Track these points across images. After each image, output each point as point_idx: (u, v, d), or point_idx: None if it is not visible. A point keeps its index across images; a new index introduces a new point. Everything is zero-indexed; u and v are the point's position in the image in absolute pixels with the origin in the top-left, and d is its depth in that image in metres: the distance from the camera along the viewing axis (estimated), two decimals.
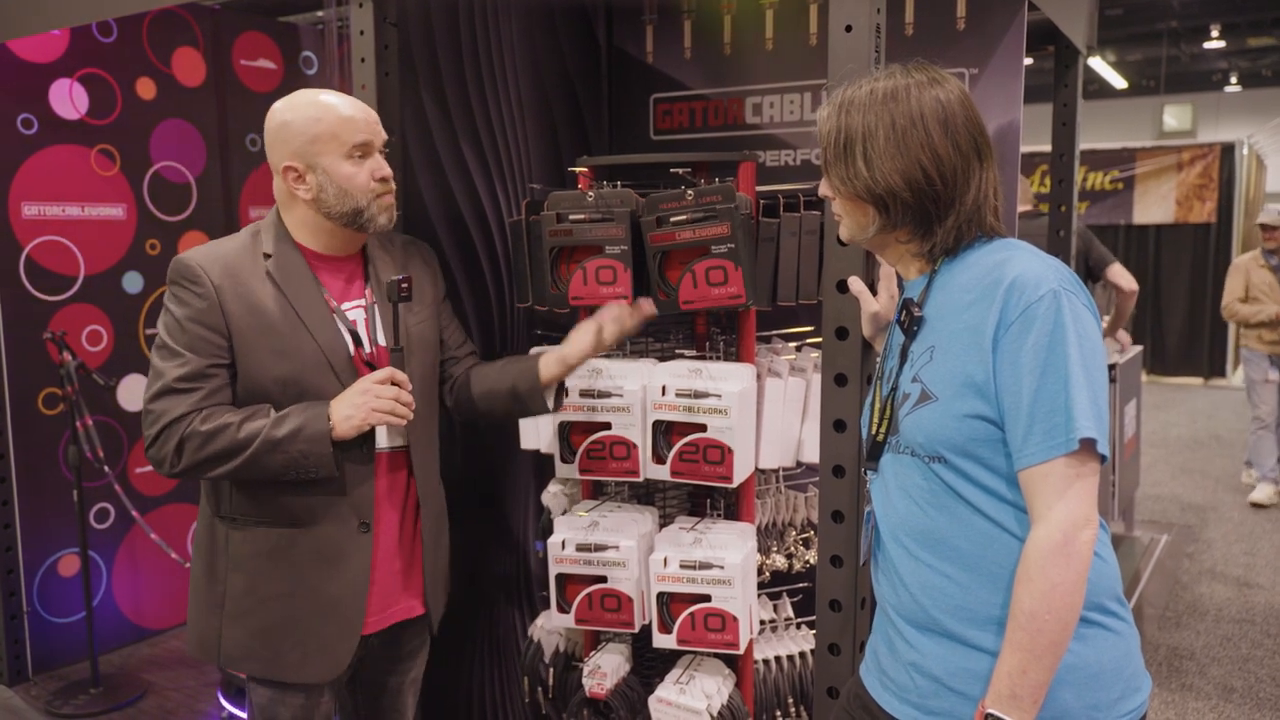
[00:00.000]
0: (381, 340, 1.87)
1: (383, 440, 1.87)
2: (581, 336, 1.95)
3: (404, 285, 1.77)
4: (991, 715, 1.24)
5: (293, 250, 1.82)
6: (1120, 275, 4.52)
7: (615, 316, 1.96)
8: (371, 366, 1.83)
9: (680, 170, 2.15)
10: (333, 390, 1.78)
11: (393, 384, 1.76)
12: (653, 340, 2.38)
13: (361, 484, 1.81)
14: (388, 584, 1.91)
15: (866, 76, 1.40)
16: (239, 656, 1.82)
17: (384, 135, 1.84)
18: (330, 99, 1.78)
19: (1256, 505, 5.81)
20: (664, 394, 2.09)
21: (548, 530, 2.34)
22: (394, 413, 1.75)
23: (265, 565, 1.79)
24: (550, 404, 1.98)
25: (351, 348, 1.82)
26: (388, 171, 1.82)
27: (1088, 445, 1.22)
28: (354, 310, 1.87)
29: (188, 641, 1.91)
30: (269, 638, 1.80)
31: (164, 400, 1.70)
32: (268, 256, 1.79)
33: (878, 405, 1.45)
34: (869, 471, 1.48)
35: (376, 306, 1.88)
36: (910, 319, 1.40)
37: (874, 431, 1.45)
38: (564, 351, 1.95)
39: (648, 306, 2.03)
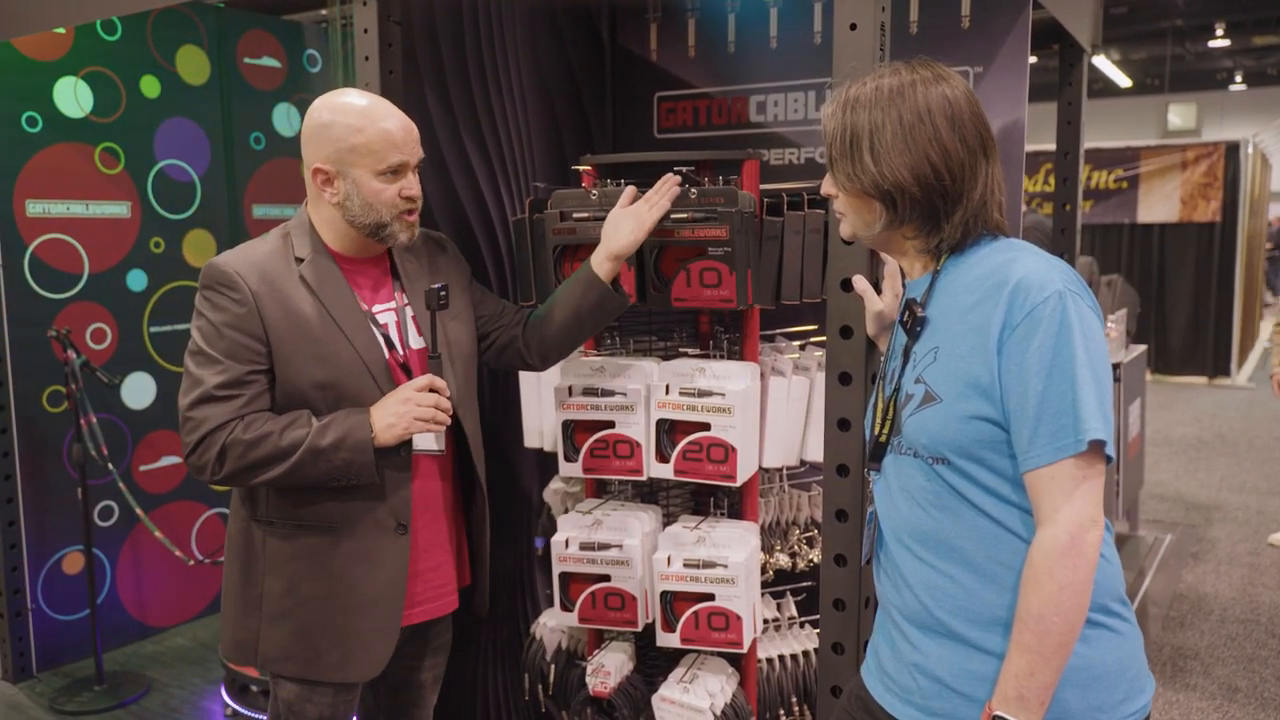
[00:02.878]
0: (414, 343, 1.88)
1: (430, 444, 1.89)
2: (622, 222, 1.94)
3: (443, 294, 1.77)
4: (999, 717, 1.24)
5: (324, 254, 1.81)
6: None
7: (669, 191, 1.96)
8: (405, 369, 1.84)
9: (684, 169, 2.15)
10: (370, 394, 1.78)
11: (431, 390, 1.77)
12: (656, 339, 2.38)
13: (399, 487, 1.82)
14: (422, 581, 1.92)
15: (871, 74, 1.40)
16: (277, 658, 1.83)
17: (420, 154, 1.82)
18: (377, 110, 1.76)
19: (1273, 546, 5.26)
20: (667, 393, 2.09)
21: (550, 529, 2.34)
22: (434, 419, 1.76)
23: (304, 567, 1.80)
24: (620, 299, 1.99)
25: (385, 351, 1.83)
26: (417, 191, 1.81)
27: (1095, 446, 1.22)
28: (385, 313, 1.87)
29: (222, 647, 1.90)
30: (308, 638, 1.81)
31: (204, 408, 1.70)
32: (300, 261, 1.79)
33: (880, 406, 1.44)
34: (871, 472, 1.48)
35: (409, 309, 1.89)
36: (913, 319, 1.39)
37: (876, 432, 1.44)
38: (610, 248, 1.94)
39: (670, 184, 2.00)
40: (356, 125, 1.73)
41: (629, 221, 1.94)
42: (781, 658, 2.35)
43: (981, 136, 1.35)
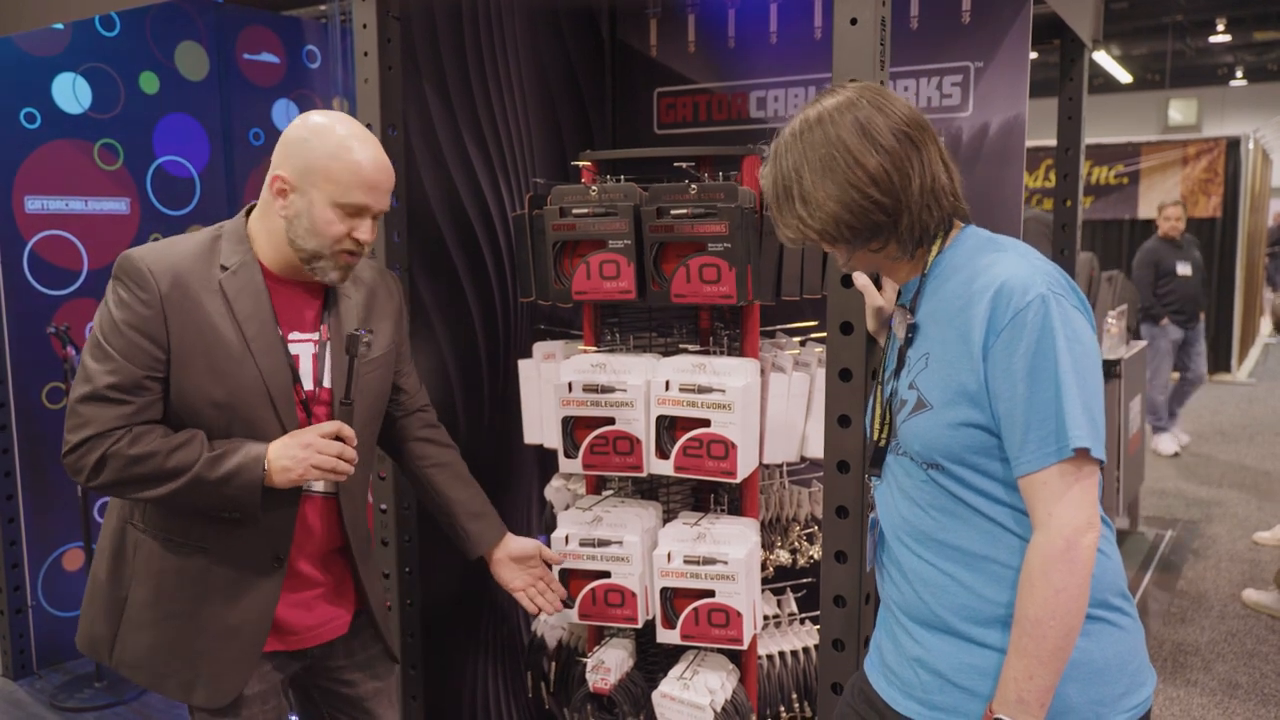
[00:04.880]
0: (327, 381, 1.78)
1: (318, 485, 1.79)
2: (513, 575, 2.02)
3: (366, 341, 1.71)
4: None
5: (252, 265, 1.70)
6: None
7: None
8: (306, 407, 1.74)
9: (684, 164, 2.14)
10: (268, 423, 1.68)
11: (338, 439, 1.69)
12: (656, 335, 2.38)
13: (281, 520, 1.73)
14: (313, 606, 1.83)
15: (790, 120, 1.39)
16: (132, 665, 1.75)
17: (387, 206, 1.73)
18: (359, 151, 1.67)
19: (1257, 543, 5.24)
20: (668, 389, 2.08)
21: (551, 525, 2.34)
22: (334, 470, 1.67)
23: (171, 583, 1.72)
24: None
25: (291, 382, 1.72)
26: (369, 238, 1.71)
27: (1082, 452, 1.22)
28: (302, 344, 1.75)
29: (78, 635, 1.82)
30: (160, 654, 1.73)
31: (91, 406, 1.60)
32: (224, 269, 1.67)
33: (879, 409, 1.44)
34: (873, 477, 1.48)
35: (329, 344, 1.78)
36: (905, 325, 1.40)
37: (876, 437, 1.45)
38: (497, 558, 2.02)
39: None
40: (331, 150, 1.66)
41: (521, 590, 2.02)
42: (782, 654, 2.35)
43: (902, 132, 1.31)
